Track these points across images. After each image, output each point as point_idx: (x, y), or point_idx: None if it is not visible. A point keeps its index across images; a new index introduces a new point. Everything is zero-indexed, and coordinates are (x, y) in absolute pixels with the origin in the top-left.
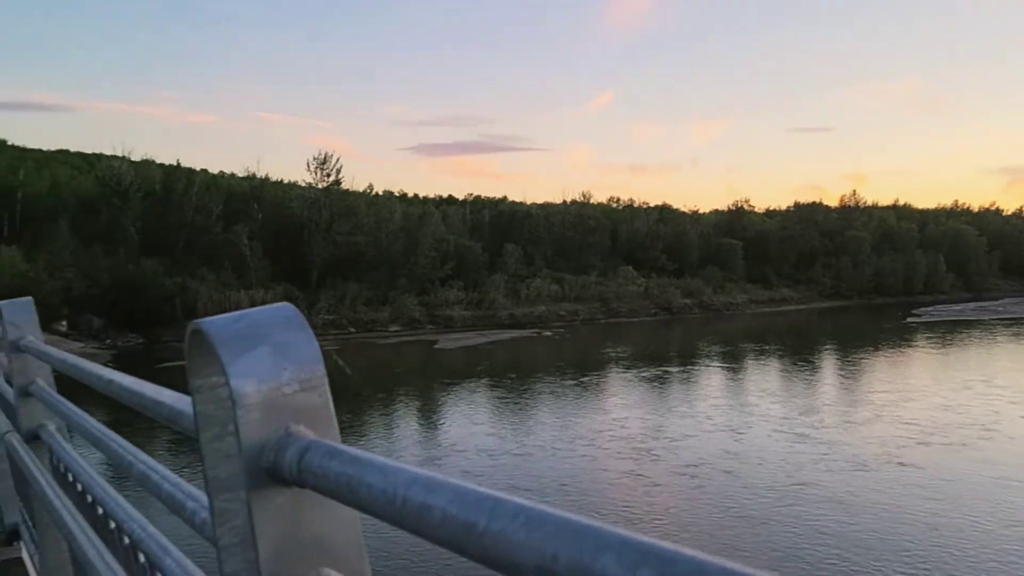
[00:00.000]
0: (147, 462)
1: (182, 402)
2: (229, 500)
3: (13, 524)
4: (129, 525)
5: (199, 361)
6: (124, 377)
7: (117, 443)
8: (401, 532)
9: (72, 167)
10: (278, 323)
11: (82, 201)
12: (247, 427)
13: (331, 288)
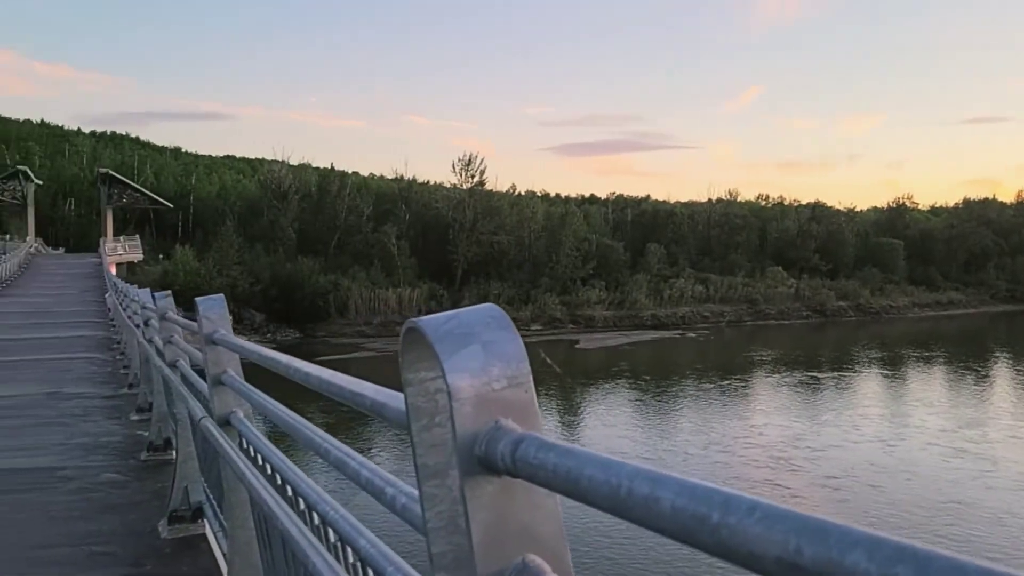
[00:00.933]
0: (343, 449)
1: (382, 394)
2: (436, 486)
3: (198, 503)
4: (321, 506)
5: (411, 357)
6: (321, 370)
7: (311, 431)
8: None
9: (237, 172)
10: (486, 323)
11: (246, 203)
12: (461, 419)
13: (474, 286)
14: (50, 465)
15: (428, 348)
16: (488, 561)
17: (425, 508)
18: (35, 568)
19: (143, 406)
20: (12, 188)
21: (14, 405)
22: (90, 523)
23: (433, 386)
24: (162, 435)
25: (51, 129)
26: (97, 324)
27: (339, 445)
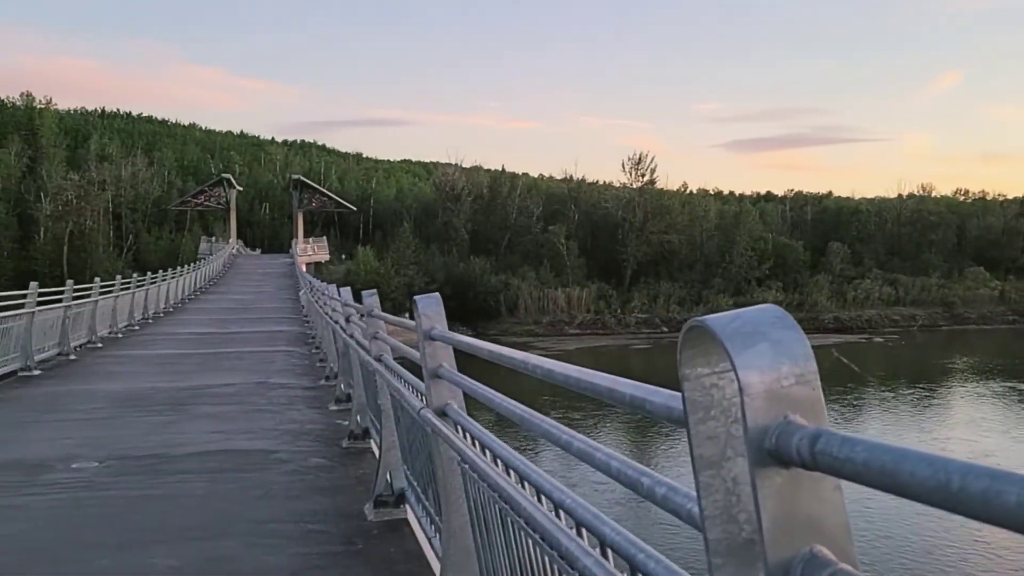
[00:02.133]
0: (586, 440)
1: (641, 390)
2: (711, 476)
3: (400, 489)
4: (556, 494)
5: (690, 353)
6: (567, 367)
7: (547, 422)
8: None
9: (413, 175)
10: (772, 322)
11: (422, 205)
12: (752, 413)
13: (644, 287)
14: (266, 448)
15: (713, 345)
16: (778, 549)
17: (701, 497)
18: (263, 539)
19: (341, 397)
20: (217, 194)
21: (232, 393)
22: (304, 503)
23: (709, 381)
24: (361, 425)
25: (249, 139)
26: (293, 320)
27: (581, 436)
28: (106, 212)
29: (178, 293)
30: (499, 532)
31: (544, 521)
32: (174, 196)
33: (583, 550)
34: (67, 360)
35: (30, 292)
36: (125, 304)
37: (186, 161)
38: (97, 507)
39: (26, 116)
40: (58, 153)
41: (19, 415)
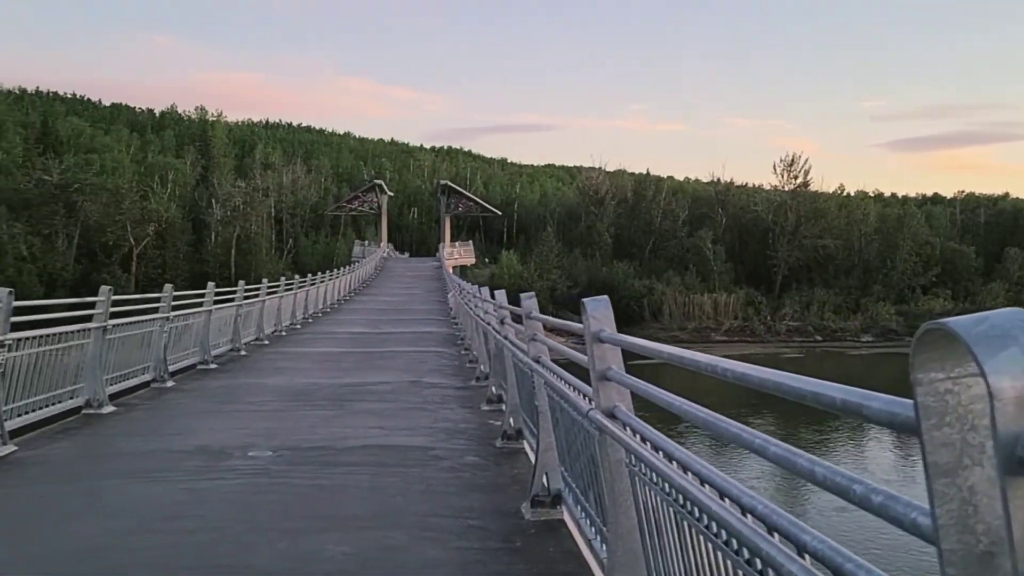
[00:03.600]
0: (784, 446)
1: (854, 395)
2: (946, 485)
3: (556, 490)
4: (745, 499)
5: (924, 357)
6: (734, 364)
7: (739, 427)
8: None
9: (557, 179)
10: (1021, 327)
11: (565, 209)
12: (1003, 419)
13: (796, 293)
14: (423, 445)
15: (953, 349)
16: None
17: (935, 506)
18: (426, 532)
19: (492, 398)
20: (370, 200)
21: (388, 391)
22: (463, 499)
23: (943, 387)
24: (514, 426)
25: (399, 146)
26: (441, 321)
27: (776, 441)
28: (269, 217)
29: (334, 294)
30: (672, 536)
31: (739, 525)
32: (330, 202)
33: (788, 556)
34: (238, 355)
35: (208, 292)
36: (288, 304)
37: (341, 168)
38: (273, 494)
39: (200, 128)
40: (227, 162)
41: (200, 405)
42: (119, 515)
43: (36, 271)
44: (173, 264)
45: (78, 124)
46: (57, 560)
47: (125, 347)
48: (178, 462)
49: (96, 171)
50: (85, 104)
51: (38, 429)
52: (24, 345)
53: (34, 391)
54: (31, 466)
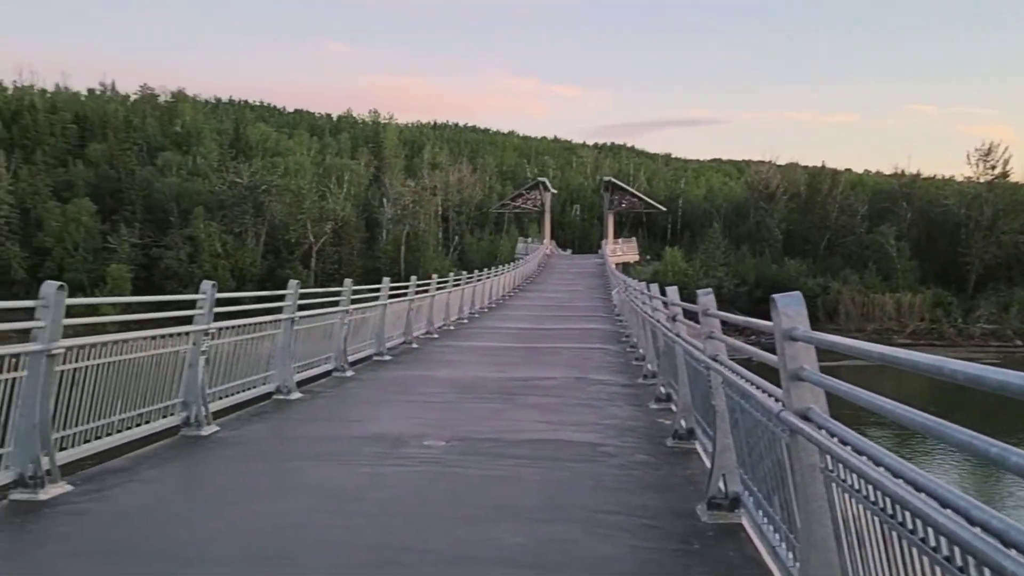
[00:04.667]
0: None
1: None
2: None
3: (735, 493)
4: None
5: None
6: (964, 365)
7: (966, 433)
8: None
9: (724, 174)
10: None
11: (732, 205)
12: None
13: (992, 294)
14: (592, 441)
15: None
16: None
17: None
18: (599, 528)
19: (661, 396)
20: (534, 197)
21: (554, 386)
22: (635, 497)
23: None
24: (686, 426)
25: (562, 144)
26: (605, 318)
27: (1019, 451)
28: (436, 215)
29: (498, 291)
30: (877, 548)
31: (973, 540)
32: (494, 200)
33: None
34: (410, 348)
35: (383, 287)
36: (456, 299)
37: (505, 167)
38: (447, 482)
39: (373, 131)
40: (398, 162)
41: (377, 394)
42: (306, 495)
43: (229, 266)
44: (348, 260)
45: (265, 130)
46: (251, 535)
47: (310, 338)
48: (358, 447)
49: (281, 173)
50: (271, 111)
51: (235, 412)
52: (225, 334)
53: (232, 376)
54: (230, 445)
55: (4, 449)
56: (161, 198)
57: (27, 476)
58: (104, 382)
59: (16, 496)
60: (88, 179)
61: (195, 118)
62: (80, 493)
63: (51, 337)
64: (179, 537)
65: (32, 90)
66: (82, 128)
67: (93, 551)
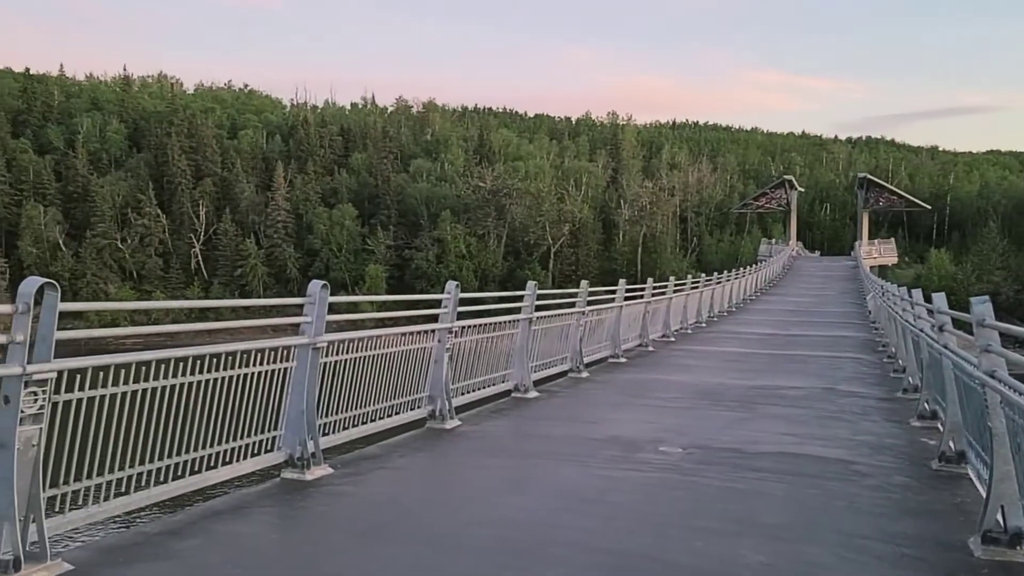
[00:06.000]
0: None
1: None
2: None
3: (1017, 528)
4: None
5: None
6: None
7: None
8: None
9: (1002, 167)
10: None
11: (1013, 202)
12: None
13: None
14: (843, 458)
15: None
16: None
17: None
18: (853, 553)
19: (924, 413)
20: (778, 196)
21: (801, 396)
22: (894, 523)
23: None
24: (955, 447)
25: (810, 139)
26: (859, 325)
27: None
28: (674, 216)
29: (739, 294)
30: None
31: None
32: (735, 199)
33: None
34: (646, 351)
35: (619, 288)
36: (693, 302)
37: (747, 165)
38: (684, 490)
39: (611, 132)
40: (635, 164)
41: (612, 397)
42: (543, 492)
43: (472, 267)
44: (585, 262)
45: (507, 135)
46: (494, 526)
47: (547, 338)
48: (594, 449)
49: (521, 177)
50: (513, 116)
51: (475, 408)
52: (467, 332)
53: (474, 373)
54: (472, 439)
55: (277, 432)
56: (413, 203)
57: (295, 457)
58: (361, 374)
59: (287, 475)
60: (350, 186)
61: (444, 126)
62: (340, 476)
63: (316, 332)
64: (429, 523)
65: (306, 107)
66: (346, 139)
67: (352, 530)
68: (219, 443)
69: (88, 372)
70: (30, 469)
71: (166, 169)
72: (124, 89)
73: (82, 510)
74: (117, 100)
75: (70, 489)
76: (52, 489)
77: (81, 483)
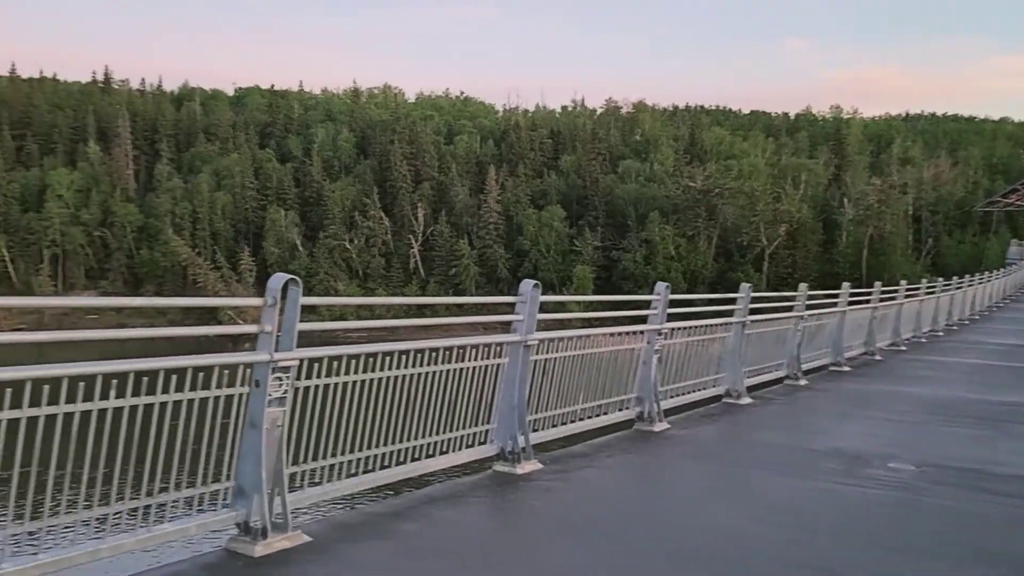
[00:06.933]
0: None
1: None
2: None
3: None
4: None
5: None
6: None
7: None
8: None
9: None
10: None
11: None
12: None
13: None
14: None
15: None
16: None
17: None
18: None
19: None
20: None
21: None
22: None
23: None
24: None
25: None
26: None
27: None
28: (905, 215)
29: (982, 300)
30: None
31: None
32: (979, 196)
33: None
34: (872, 360)
35: (842, 293)
36: (928, 309)
37: (995, 158)
38: (917, 513)
39: (834, 127)
40: (861, 160)
41: (833, 407)
42: (755, 502)
43: (681, 269)
44: (803, 264)
45: (720, 133)
46: (701, 533)
47: (761, 343)
48: (814, 461)
49: (734, 176)
50: (726, 114)
51: (684, 412)
52: (676, 335)
53: (682, 376)
54: (681, 443)
55: (489, 425)
56: (620, 204)
57: (506, 451)
58: (569, 373)
59: (498, 468)
60: (559, 188)
61: (653, 126)
62: (548, 472)
63: (528, 330)
64: (633, 525)
65: (517, 111)
66: (556, 142)
67: (561, 525)
68: (435, 433)
69: (324, 361)
70: (275, 447)
71: (389, 174)
72: (353, 100)
73: (318, 487)
74: (347, 111)
75: (307, 467)
76: (292, 467)
77: (316, 463)
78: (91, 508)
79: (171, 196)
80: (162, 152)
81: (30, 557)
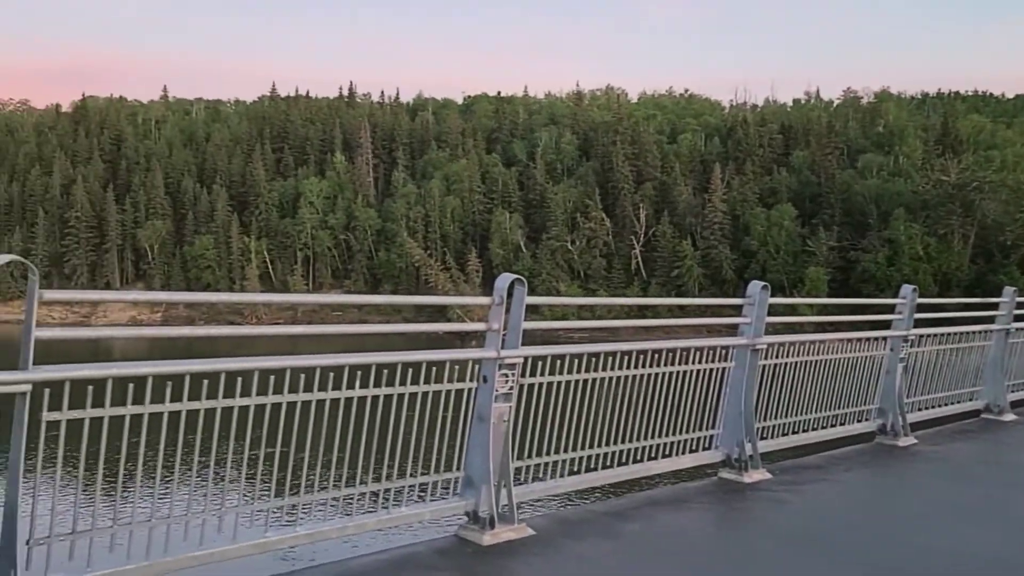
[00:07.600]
0: None
1: None
2: None
3: None
4: None
5: None
6: None
7: None
8: None
9: None
10: None
11: None
12: None
13: None
14: None
15: None
16: None
17: None
18: None
19: None
20: None
21: None
22: None
23: None
24: None
25: None
26: None
27: None
28: None
29: None
30: None
31: None
32: None
33: None
34: None
35: None
36: None
37: None
38: None
39: None
40: None
41: None
42: (1014, 527)
43: (931, 270)
44: None
45: (979, 121)
46: (938, 557)
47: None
48: None
49: (996, 167)
50: (986, 100)
51: (934, 426)
52: (925, 342)
53: (932, 388)
54: (929, 461)
55: (714, 431)
56: (860, 200)
57: (733, 458)
58: (801, 380)
59: (724, 474)
60: (790, 185)
61: (899, 116)
62: (777, 482)
63: (755, 333)
64: (869, 544)
65: (745, 107)
66: (786, 137)
67: (791, 539)
68: (658, 436)
69: (548, 359)
70: (502, 441)
71: (611, 175)
72: (576, 103)
73: (542, 483)
74: (570, 114)
75: (532, 463)
76: (517, 461)
77: (540, 458)
78: (340, 488)
79: (406, 201)
80: (398, 159)
81: (289, 528)
